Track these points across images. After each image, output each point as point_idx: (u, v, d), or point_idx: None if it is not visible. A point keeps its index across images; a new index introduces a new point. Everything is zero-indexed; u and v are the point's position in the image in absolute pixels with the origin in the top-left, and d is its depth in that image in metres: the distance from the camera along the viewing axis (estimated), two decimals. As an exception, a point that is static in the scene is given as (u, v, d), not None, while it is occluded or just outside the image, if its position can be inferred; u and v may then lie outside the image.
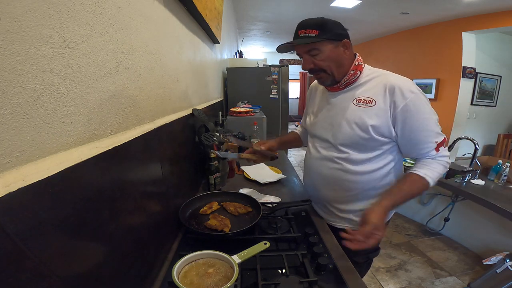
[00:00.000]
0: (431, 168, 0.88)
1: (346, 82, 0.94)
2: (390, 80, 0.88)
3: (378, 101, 0.89)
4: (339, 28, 0.89)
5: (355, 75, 0.93)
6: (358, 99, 0.92)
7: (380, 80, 0.90)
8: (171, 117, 0.91)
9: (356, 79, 0.94)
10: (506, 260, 1.63)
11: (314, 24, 0.86)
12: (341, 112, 0.96)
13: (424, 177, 0.86)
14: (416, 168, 0.90)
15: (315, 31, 0.86)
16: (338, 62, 0.90)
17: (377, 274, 1.97)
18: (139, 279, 0.63)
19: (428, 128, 0.87)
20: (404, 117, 0.86)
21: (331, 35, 0.86)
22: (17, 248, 0.30)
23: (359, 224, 0.80)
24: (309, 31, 0.86)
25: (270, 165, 1.67)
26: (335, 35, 0.87)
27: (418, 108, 0.85)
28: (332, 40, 0.87)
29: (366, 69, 0.95)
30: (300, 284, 0.70)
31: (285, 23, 5.20)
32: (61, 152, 0.40)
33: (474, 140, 2.06)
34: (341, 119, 0.95)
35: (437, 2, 3.65)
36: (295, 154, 5.37)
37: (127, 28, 0.61)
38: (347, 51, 0.91)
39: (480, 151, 4.17)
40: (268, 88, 3.05)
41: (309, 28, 0.86)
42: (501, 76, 4.83)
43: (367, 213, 0.80)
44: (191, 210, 1.01)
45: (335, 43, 0.88)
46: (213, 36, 1.76)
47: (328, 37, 0.86)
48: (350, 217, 1.02)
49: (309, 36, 0.86)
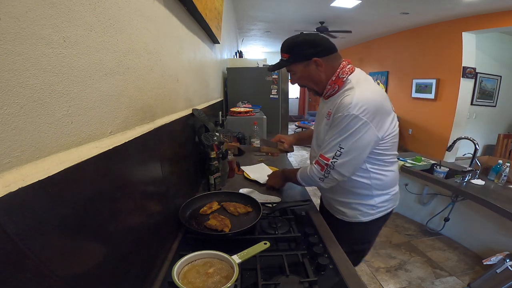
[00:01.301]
0: (306, 167, 1.05)
1: (327, 95, 1.01)
2: (348, 95, 0.89)
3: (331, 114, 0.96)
4: (308, 48, 0.93)
5: (334, 88, 0.97)
6: (329, 112, 0.98)
7: (348, 93, 0.91)
8: (171, 117, 0.91)
9: (336, 92, 0.97)
10: (506, 260, 1.63)
11: (286, 48, 0.96)
12: (318, 122, 1.08)
13: (299, 170, 1.09)
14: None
15: (285, 55, 0.97)
16: (312, 79, 0.99)
17: (377, 274, 1.97)
18: (139, 279, 0.63)
19: (329, 140, 0.93)
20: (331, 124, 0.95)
21: (297, 58, 0.95)
22: (17, 248, 0.30)
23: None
24: (283, 54, 0.98)
25: (270, 165, 1.67)
26: (303, 56, 0.94)
27: (343, 127, 0.88)
28: (300, 62, 0.96)
29: (351, 82, 0.94)
30: (300, 284, 0.70)
31: (285, 23, 5.21)
32: (61, 152, 0.40)
33: (474, 140, 2.06)
34: (317, 128, 1.08)
35: (437, 2, 3.65)
36: (295, 154, 5.37)
37: (127, 28, 0.61)
38: (320, 67, 0.95)
39: (480, 151, 4.17)
40: (268, 88, 3.05)
41: (283, 52, 0.98)
42: (501, 76, 4.84)
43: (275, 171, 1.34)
44: (191, 210, 1.01)
45: (305, 63, 0.95)
46: (213, 36, 1.76)
47: (294, 61, 0.96)
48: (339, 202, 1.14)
49: (283, 60, 0.99)
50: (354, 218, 1.08)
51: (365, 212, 1.06)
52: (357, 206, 1.06)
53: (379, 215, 1.08)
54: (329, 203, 1.17)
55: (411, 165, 2.56)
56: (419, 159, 2.64)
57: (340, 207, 1.10)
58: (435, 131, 4.91)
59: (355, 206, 1.06)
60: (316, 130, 1.10)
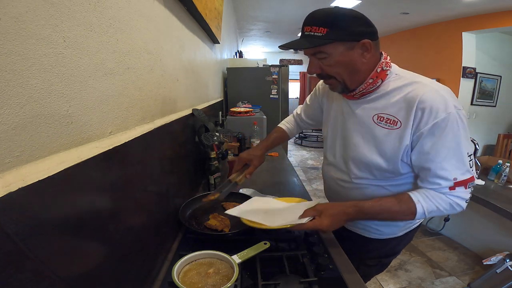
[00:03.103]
0: (429, 197, 0.70)
1: (362, 92, 0.77)
2: (420, 93, 0.68)
3: (403, 122, 0.71)
4: (357, 24, 0.68)
5: (375, 83, 0.74)
6: (380, 116, 0.75)
7: (408, 91, 0.71)
8: (171, 117, 0.91)
9: (376, 88, 0.76)
10: (506, 260, 1.63)
11: (323, 20, 0.67)
12: (359, 129, 0.81)
13: (413, 200, 0.70)
14: (414, 191, 0.74)
15: (322, 29, 0.67)
16: (351, 68, 0.72)
17: (377, 274, 1.97)
18: (139, 279, 0.63)
19: (451, 159, 0.68)
20: (426, 138, 0.68)
21: (343, 35, 0.68)
22: (17, 248, 0.30)
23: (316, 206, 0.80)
24: (315, 28, 0.68)
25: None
26: (350, 34, 0.68)
27: (450, 132, 0.66)
28: (344, 41, 0.69)
29: (392, 73, 0.75)
30: (300, 284, 0.70)
31: (285, 23, 5.20)
32: (61, 152, 0.40)
33: (474, 140, 2.05)
34: (358, 138, 0.81)
35: (437, 2, 3.65)
36: (295, 154, 5.37)
37: (127, 28, 0.61)
38: (366, 54, 0.71)
39: (480, 151, 4.17)
40: (268, 88, 3.05)
41: (316, 25, 0.68)
42: (501, 76, 4.83)
43: (324, 204, 0.79)
44: (191, 210, 1.01)
45: (349, 45, 0.69)
46: (213, 36, 1.76)
47: (338, 38, 0.68)
48: None
49: (314, 36, 0.68)
50: (391, 235, 0.91)
51: (402, 227, 0.91)
52: (398, 222, 0.88)
53: (416, 225, 0.94)
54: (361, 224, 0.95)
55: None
56: (419, 159, 2.64)
57: (377, 226, 0.91)
58: (435, 131, 4.91)
59: (395, 223, 0.89)
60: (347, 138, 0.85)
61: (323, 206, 0.78)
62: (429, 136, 0.68)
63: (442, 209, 0.71)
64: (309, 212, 0.77)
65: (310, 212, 0.77)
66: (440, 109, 0.66)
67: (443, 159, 0.68)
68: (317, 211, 0.76)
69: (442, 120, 0.66)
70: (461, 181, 0.70)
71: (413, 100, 0.69)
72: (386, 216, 0.75)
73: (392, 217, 0.77)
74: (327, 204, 0.79)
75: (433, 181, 0.70)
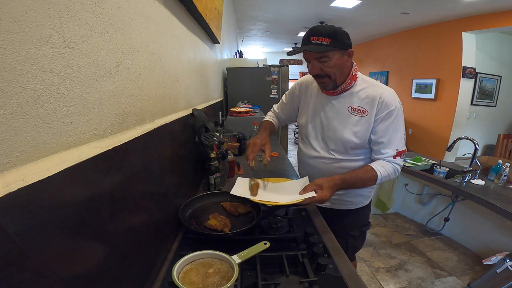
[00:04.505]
0: (383, 166, 1.00)
1: (342, 89, 1.04)
2: (380, 92, 0.99)
3: (369, 111, 1.00)
4: (347, 38, 0.96)
5: (350, 84, 1.03)
6: (352, 107, 1.03)
7: (371, 91, 1.01)
8: (171, 117, 0.91)
9: (350, 88, 1.04)
10: (506, 260, 1.63)
11: (327, 33, 0.91)
12: (337, 117, 1.07)
13: (375, 169, 0.99)
14: (372, 163, 1.03)
15: (327, 40, 0.91)
16: (342, 69, 0.99)
17: (377, 274, 1.97)
18: (139, 279, 0.63)
19: (396, 136, 1.00)
20: (382, 121, 0.99)
21: (341, 45, 0.93)
22: (17, 248, 0.30)
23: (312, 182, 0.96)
24: (322, 39, 0.92)
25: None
26: (344, 44, 0.94)
27: (397, 118, 0.99)
28: (341, 49, 0.94)
29: (359, 78, 1.05)
30: (300, 284, 0.70)
31: (285, 23, 5.21)
32: (61, 152, 0.40)
33: (474, 140, 2.06)
34: (337, 123, 1.07)
35: (437, 2, 3.65)
36: (295, 154, 5.37)
37: (127, 28, 0.61)
38: (350, 59, 1.00)
39: (480, 151, 4.17)
40: (268, 88, 3.05)
41: (322, 36, 0.92)
42: (501, 76, 4.84)
43: (321, 179, 0.96)
44: (191, 210, 1.01)
45: (343, 52, 0.96)
46: (213, 36, 1.76)
47: (338, 47, 0.93)
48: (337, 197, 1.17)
49: (322, 44, 0.92)
50: (359, 204, 1.19)
51: (365, 196, 1.19)
52: (361, 191, 1.16)
53: (371, 196, 1.24)
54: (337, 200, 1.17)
55: (411, 165, 2.55)
56: (419, 159, 2.64)
57: (349, 198, 1.17)
58: (435, 131, 4.91)
59: (359, 192, 1.16)
60: (327, 124, 1.09)
61: (320, 181, 0.95)
62: (384, 121, 0.99)
63: (389, 173, 1.01)
64: (311, 187, 0.94)
65: (312, 187, 0.94)
66: (391, 103, 0.98)
67: (391, 135, 1.00)
68: (318, 186, 0.94)
69: (392, 110, 0.98)
70: (400, 151, 1.01)
71: (376, 97, 0.99)
72: (359, 185, 1.02)
73: (363, 184, 1.03)
74: (323, 179, 0.96)
75: (384, 151, 1.01)
